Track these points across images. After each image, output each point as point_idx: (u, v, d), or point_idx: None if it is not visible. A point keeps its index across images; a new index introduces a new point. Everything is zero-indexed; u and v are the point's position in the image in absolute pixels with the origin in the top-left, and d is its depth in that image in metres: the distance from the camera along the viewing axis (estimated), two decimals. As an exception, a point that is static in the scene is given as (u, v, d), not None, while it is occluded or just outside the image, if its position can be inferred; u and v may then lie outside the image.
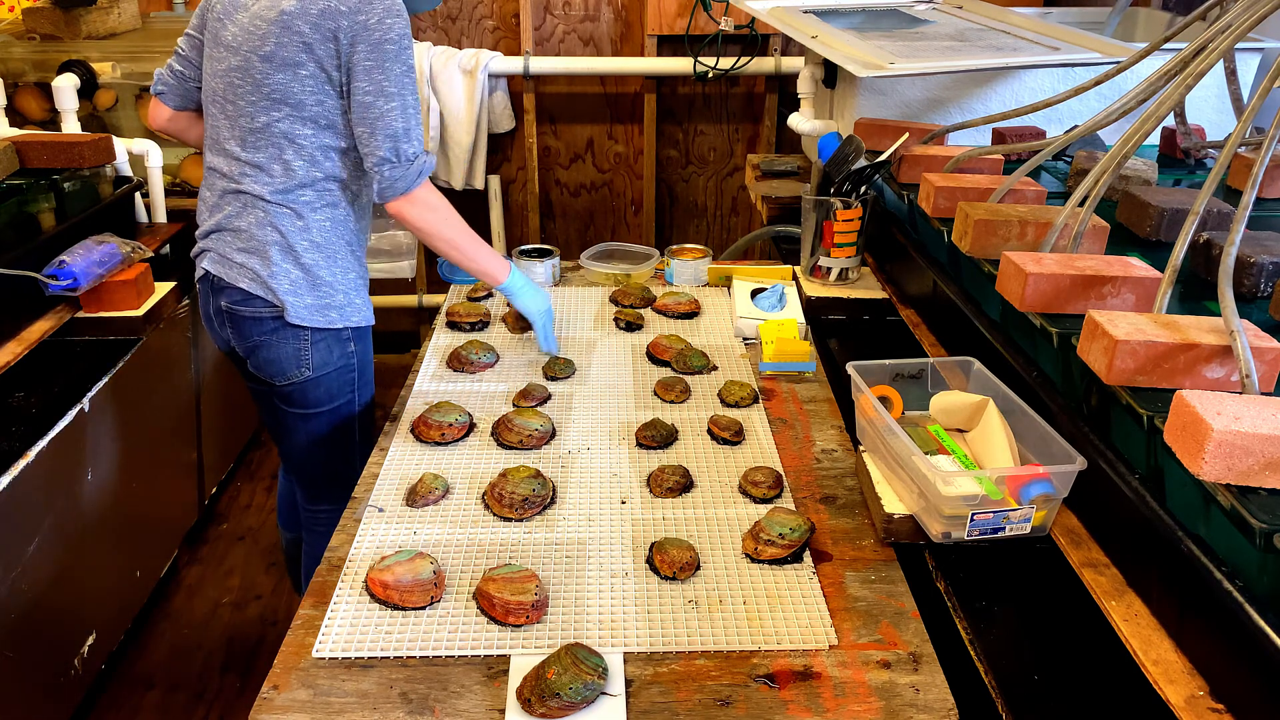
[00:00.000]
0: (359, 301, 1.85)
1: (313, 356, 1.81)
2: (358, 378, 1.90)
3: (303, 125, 1.70)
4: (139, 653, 2.42)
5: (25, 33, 2.98)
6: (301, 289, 1.77)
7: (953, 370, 1.56)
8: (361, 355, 1.90)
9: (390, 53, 1.63)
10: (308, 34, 1.63)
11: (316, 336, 1.80)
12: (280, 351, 1.81)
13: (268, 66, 1.67)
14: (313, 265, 1.77)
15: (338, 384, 1.87)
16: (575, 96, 3.68)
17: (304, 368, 1.82)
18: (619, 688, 1.12)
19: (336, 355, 1.84)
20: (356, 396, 1.93)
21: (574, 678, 1.09)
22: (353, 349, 1.87)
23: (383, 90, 1.64)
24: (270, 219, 1.75)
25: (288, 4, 1.64)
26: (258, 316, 1.79)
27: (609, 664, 1.14)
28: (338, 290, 1.80)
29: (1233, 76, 1.85)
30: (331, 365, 1.84)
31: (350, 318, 1.83)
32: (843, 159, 2.02)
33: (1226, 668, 0.95)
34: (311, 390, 1.86)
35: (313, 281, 1.77)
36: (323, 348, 1.82)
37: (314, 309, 1.78)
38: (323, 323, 1.79)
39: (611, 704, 1.10)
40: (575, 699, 1.08)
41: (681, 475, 1.51)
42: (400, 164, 1.68)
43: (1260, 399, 1.02)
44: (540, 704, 1.08)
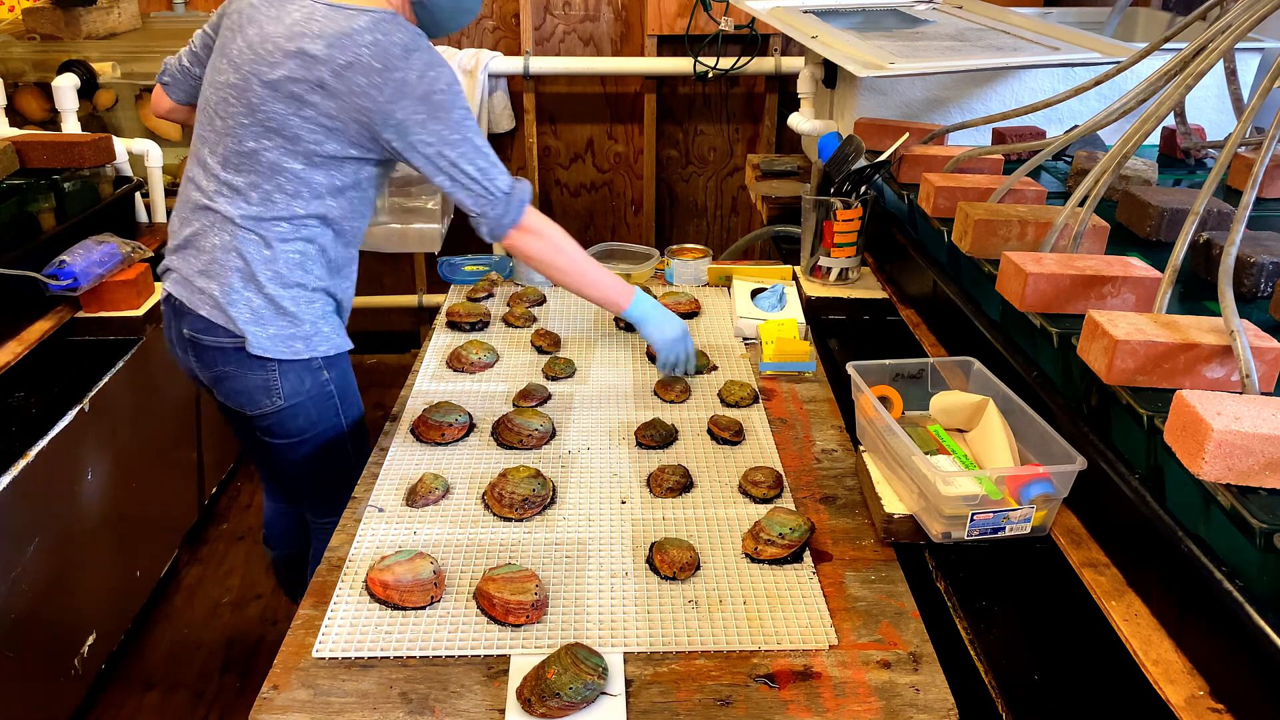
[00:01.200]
0: (327, 330, 1.73)
1: (282, 386, 1.70)
2: (339, 403, 1.80)
3: (293, 159, 1.60)
4: (139, 653, 2.42)
5: (25, 33, 2.98)
6: (264, 318, 1.65)
7: (953, 370, 1.56)
8: (339, 380, 1.79)
9: (442, 103, 1.56)
10: (329, 81, 1.54)
11: (285, 367, 1.69)
12: (247, 383, 1.70)
13: (269, 93, 1.57)
14: (276, 296, 1.65)
15: (317, 411, 1.77)
16: (575, 96, 3.68)
17: (275, 397, 1.71)
18: (619, 688, 1.13)
19: (309, 384, 1.73)
20: (342, 419, 1.83)
21: (574, 677, 1.09)
22: (326, 376, 1.75)
23: (446, 139, 1.57)
24: (235, 243, 1.63)
25: (311, 44, 1.53)
26: (220, 346, 1.68)
27: (609, 664, 1.14)
28: (303, 321, 1.68)
29: (1233, 76, 1.85)
30: (304, 394, 1.73)
31: (318, 347, 1.71)
32: (843, 159, 2.02)
33: (1226, 668, 0.95)
34: (290, 420, 1.75)
35: (276, 310, 1.66)
36: (292, 377, 1.71)
37: (278, 339, 1.67)
38: (288, 354, 1.68)
39: (611, 704, 1.10)
40: (575, 699, 1.08)
41: (681, 475, 1.51)
42: (495, 200, 1.62)
43: (1260, 399, 1.02)
44: (540, 704, 1.08)
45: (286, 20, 1.57)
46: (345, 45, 1.52)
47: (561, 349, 1.97)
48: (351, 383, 1.85)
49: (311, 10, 1.57)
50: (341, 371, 1.79)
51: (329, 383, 1.75)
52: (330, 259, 1.71)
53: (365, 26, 1.53)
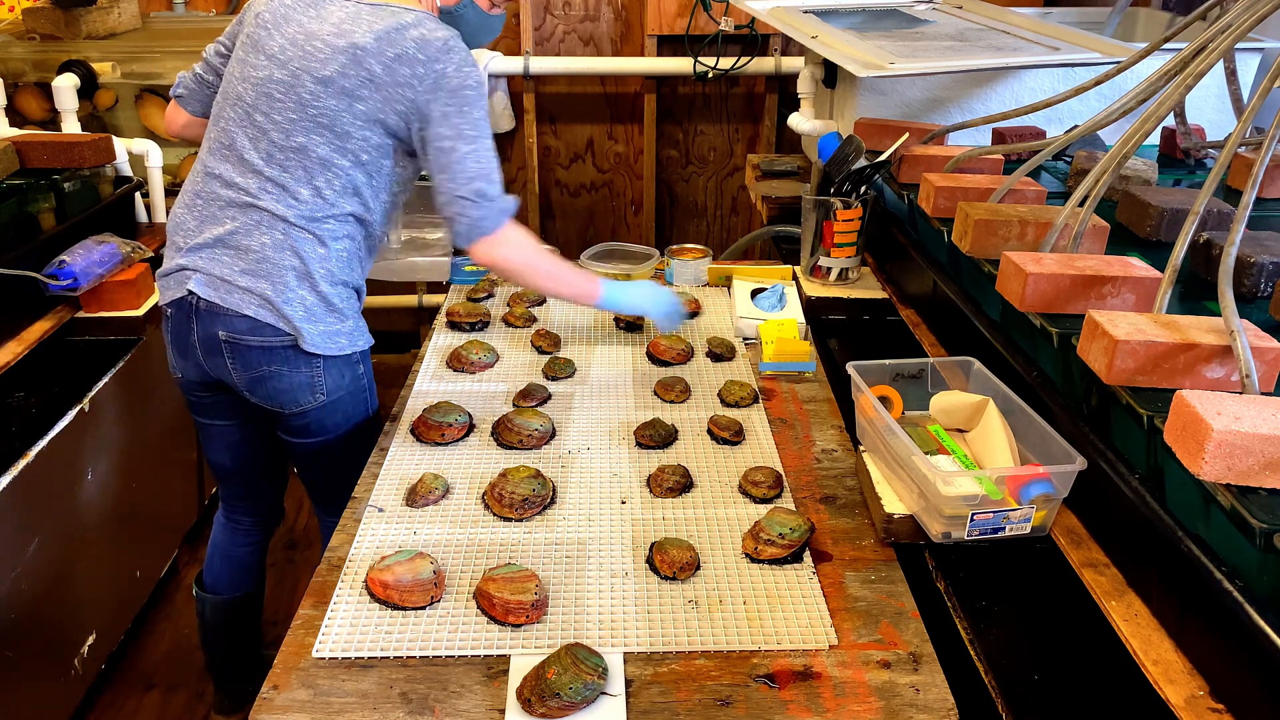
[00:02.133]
0: (362, 325, 1.80)
1: (326, 382, 1.74)
2: (369, 395, 1.86)
3: (342, 156, 1.64)
4: (139, 653, 2.42)
5: (25, 33, 2.98)
6: (316, 315, 1.68)
7: (953, 370, 1.56)
8: (368, 374, 1.86)
9: (469, 98, 1.62)
10: (379, 74, 1.59)
11: (329, 363, 1.72)
12: (293, 380, 1.72)
13: (322, 90, 1.61)
14: (328, 294, 1.69)
15: (352, 405, 1.81)
16: (575, 96, 3.68)
17: (318, 393, 1.74)
18: (619, 688, 1.13)
19: (348, 378, 1.77)
20: (370, 411, 1.88)
21: (574, 677, 1.09)
22: (361, 370, 1.81)
23: (462, 134, 1.61)
24: (291, 242, 1.64)
25: (362, 38, 1.59)
26: (268, 346, 1.67)
27: (609, 664, 1.14)
28: (348, 317, 1.73)
29: (1233, 76, 1.85)
30: (344, 388, 1.77)
31: (357, 341, 1.76)
32: (843, 159, 2.02)
33: (1226, 668, 0.95)
34: (329, 416, 1.78)
35: (327, 308, 1.69)
36: (334, 373, 1.74)
37: (328, 335, 1.70)
38: (334, 350, 1.72)
39: (611, 704, 1.10)
40: (575, 699, 1.08)
41: (681, 475, 1.51)
42: (482, 204, 1.64)
43: (1260, 399, 1.02)
44: (540, 704, 1.08)
45: (331, 19, 1.62)
46: (394, 38, 1.59)
47: (561, 349, 1.97)
48: (373, 377, 1.90)
49: (356, 10, 1.63)
50: (369, 366, 1.86)
51: (363, 375, 1.81)
52: (361, 262, 1.77)
53: (411, 22, 1.61)
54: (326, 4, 1.65)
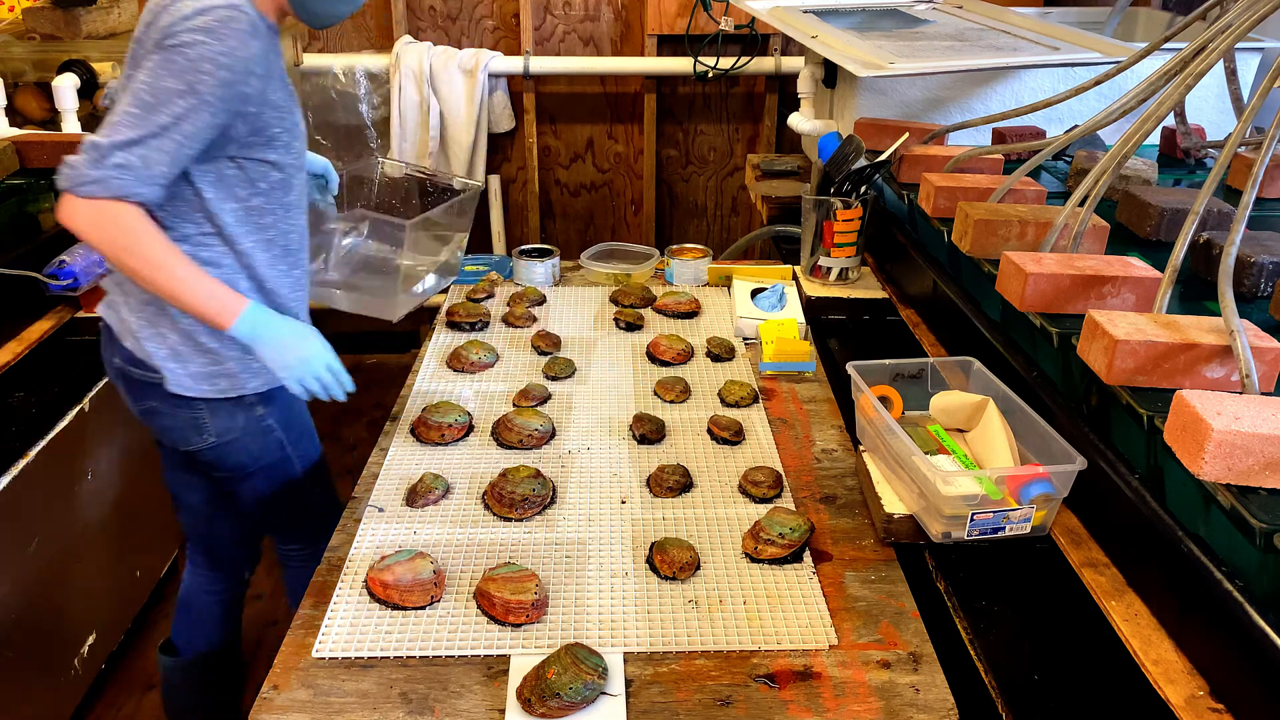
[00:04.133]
0: (259, 365, 1.53)
1: (213, 424, 1.56)
2: (285, 438, 1.64)
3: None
4: (139, 653, 2.42)
5: (25, 33, 2.98)
6: (183, 355, 1.50)
7: (953, 370, 1.56)
8: (281, 416, 1.62)
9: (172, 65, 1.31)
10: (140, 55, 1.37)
11: (214, 405, 1.54)
12: (175, 419, 1.55)
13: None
14: (192, 331, 1.49)
15: (258, 447, 1.61)
16: (575, 96, 3.68)
17: (206, 435, 1.56)
18: (619, 688, 1.13)
19: (242, 421, 1.58)
20: (291, 454, 1.66)
21: (574, 677, 1.09)
22: (262, 412, 1.59)
23: (136, 93, 1.32)
24: None
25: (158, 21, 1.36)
26: (146, 381, 1.53)
27: (609, 664, 1.14)
28: (227, 358, 1.52)
29: (1233, 76, 1.85)
30: (238, 430, 1.58)
31: (247, 384, 1.55)
32: (843, 159, 2.02)
33: (1226, 668, 0.95)
34: (228, 455, 1.60)
35: (195, 348, 1.50)
36: (223, 415, 1.55)
37: (200, 376, 1.51)
38: (212, 392, 1.52)
39: (611, 704, 1.10)
40: (575, 699, 1.08)
41: (681, 475, 1.51)
42: (89, 155, 1.31)
43: (1260, 399, 1.02)
44: (540, 704, 1.08)
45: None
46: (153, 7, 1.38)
47: (561, 349, 1.97)
48: (301, 419, 1.69)
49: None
50: (284, 407, 1.63)
51: (266, 418, 1.60)
52: (259, 286, 1.53)
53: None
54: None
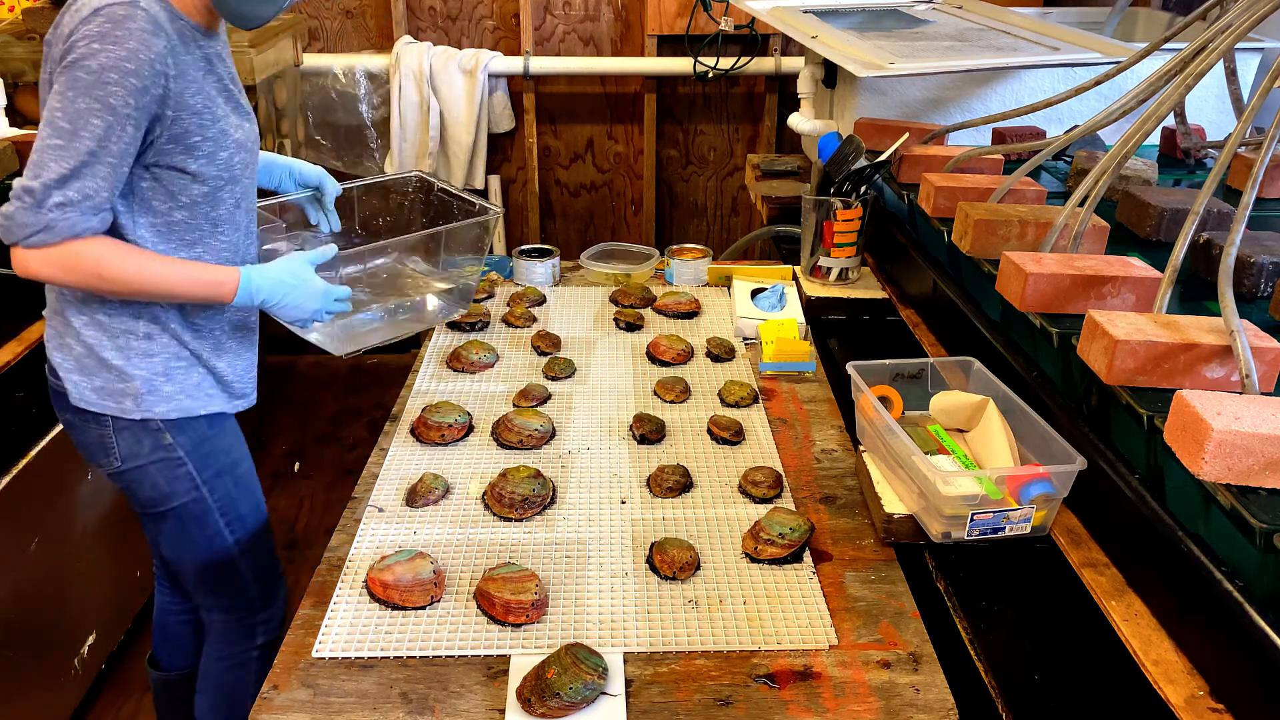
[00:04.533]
0: (170, 389, 1.44)
1: (119, 446, 1.46)
2: (197, 475, 1.50)
3: None
4: (139, 653, 2.42)
5: (25, 33, 2.98)
6: (88, 367, 1.42)
7: (953, 370, 1.56)
8: (193, 448, 1.48)
9: (78, 82, 1.23)
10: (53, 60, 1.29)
11: (119, 425, 1.44)
12: (85, 435, 1.47)
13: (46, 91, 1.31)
14: (95, 344, 1.41)
15: (166, 480, 1.49)
16: (575, 96, 3.68)
17: (112, 457, 1.47)
18: (619, 688, 1.13)
19: (149, 447, 1.46)
20: (208, 497, 1.52)
21: (574, 677, 1.09)
22: (170, 441, 1.46)
23: (52, 121, 1.25)
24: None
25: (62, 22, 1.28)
26: (58, 390, 1.47)
27: (609, 664, 1.14)
28: (133, 377, 1.42)
29: (1233, 76, 1.85)
30: (144, 458, 1.46)
31: (153, 408, 1.44)
32: (843, 159, 2.02)
33: (1226, 668, 0.95)
34: (135, 485, 1.50)
35: (98, 363, 1.41)
36: (128, 437, 1.45)
37: (104, 393, 1.42)
38: (116, 410, 1.42)
39: (611, 704, 1.10)
40: (575, 699, 1.08)
41: (681, 475, 1.51)
42: (25, 203, 1.25)
43: (1260, 399, 1.02)
44: (540, 704, 1.08)
45: None
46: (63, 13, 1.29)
47: (561, 349, 1.97)
48: (223, 453, 1.53)
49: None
50: (197, 438, 1.49)
51: (175, 448, 1.47)
52: (180, 311, 1.45)
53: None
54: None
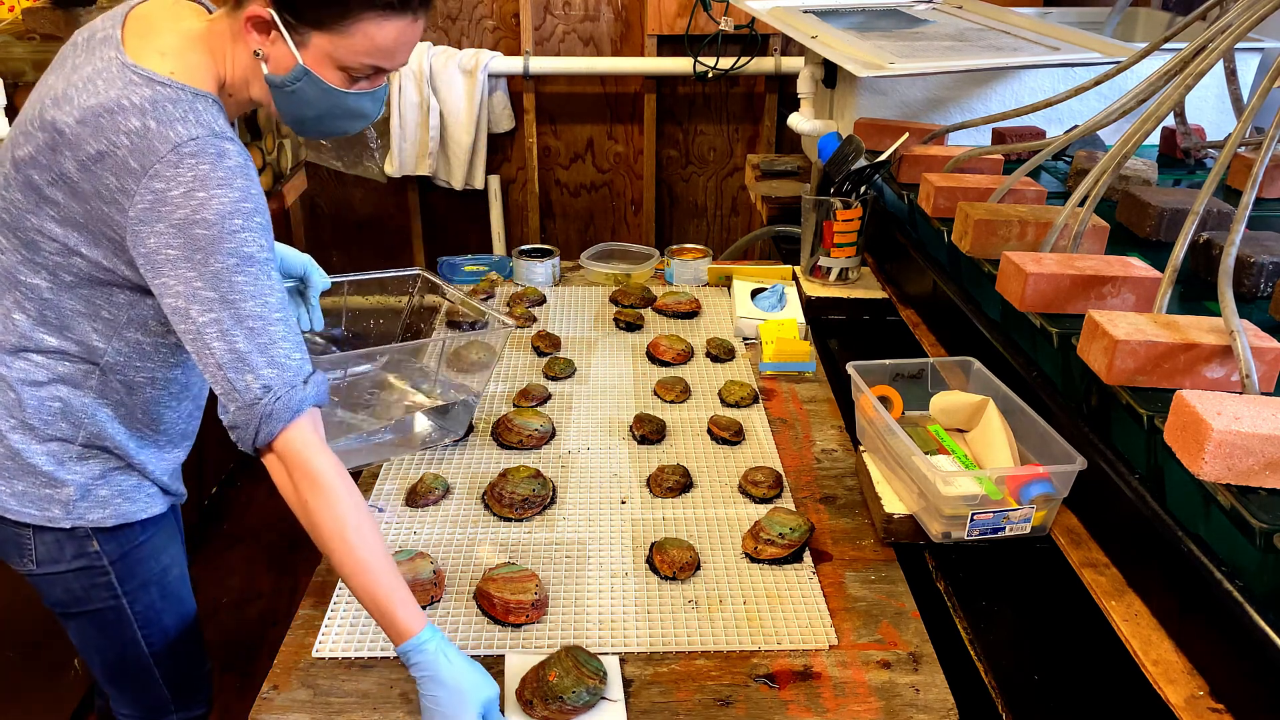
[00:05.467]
0: (106, 493, 1.29)
1: (36, 550, 1.30)
2: (119, 584, 1.34)
3: (33, 272, 1.17)
4: (139, 653, 2.42)
5: (25, 33, 2.98)
6: (7, 472, 1.25)
7: (953, 370, 1.56)
8: (119, 555, 1.33)
9: (201, 240, 1.07)
10: (73, 175, 1.10)
11: (40, 531, 1.28)
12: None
13: (13, 175, 1.15)
14: (21, 449, 1.24)
15: (82, 586, 1.33)
16: (575, 96, 3.68)
17: (26, 560, 1.31)
18: (618, 693, 1.12)
19: (70, 554, 1.30)
20: (126, 607, 1.36)
21: (576, 681, 1.09)
22: (95, 549, 1.30)
23: (195, 294, 1.08)
24: None
25: (64, 116, 1.10)
26: None
27: (607, 668, 1.14)
28: (65, 483, 1.26)
29: (1233, 76, 1.85)
30: (65, 564, 1.31)
31: (86, 515, 1.28)
32: (843, 159, 2.02)
33: (1226, 668, 0.95)
34: (47, 589, 1.34)
35: (22, 467, 1.25)
36: (50, 543, 1.29)
37: (27, 499, 1.26)
38: (40, 519, 1.26)
39: (612, 709, 1.10)
40: (577, 703, 1.08)
41: (681, 475, 1.51)
42: (232, 403, 1.10)
43: (1260, 399, 1.02)
44: (543, 706, 1.08)
45: (77, 75, 1.13)
46: (101, 126, 1.08)
47: (561, 349, 1.97)
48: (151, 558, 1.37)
49: (104, 66, 1.12)
50: (127, 545, 1.33)
51: (99, 557, 1.31)
52: (129, 416, 1.28)
53: (139, 104, 1.08)
54: (97, 49, 1.14)
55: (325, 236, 3.77)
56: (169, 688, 1.40)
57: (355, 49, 1.14)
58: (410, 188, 3.72)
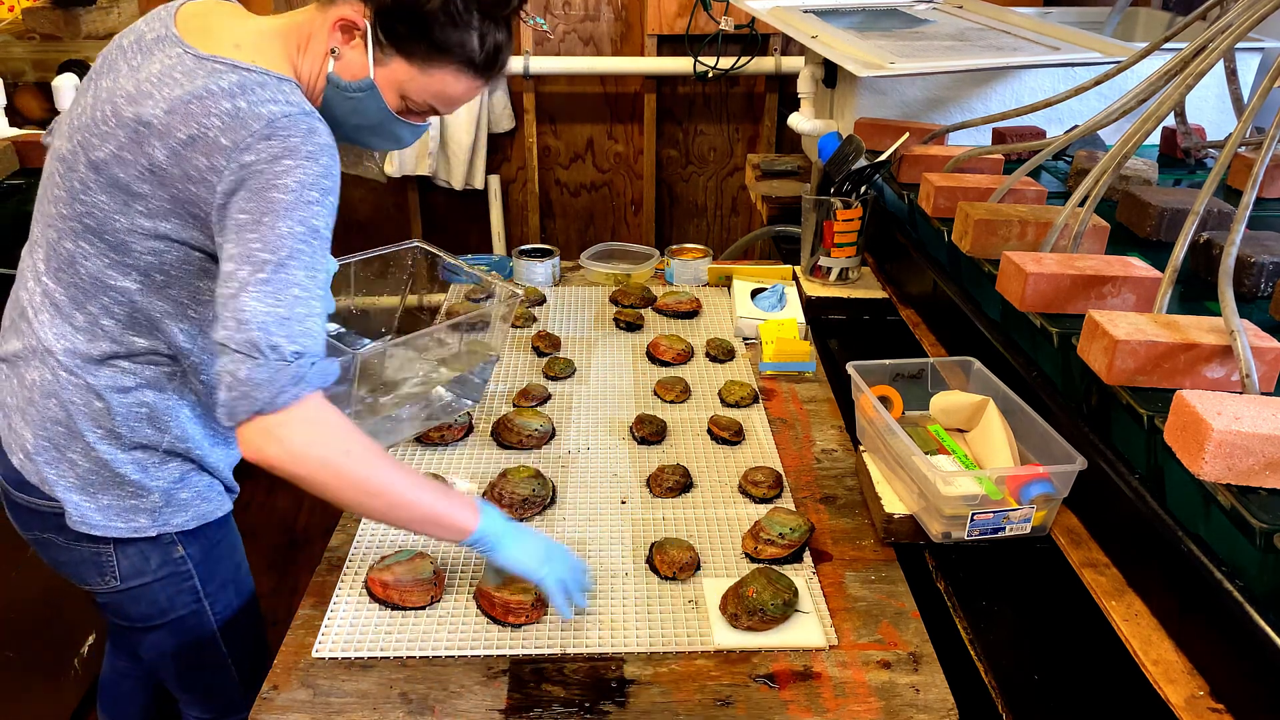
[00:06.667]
0: (186, 496, 1.30)
1: (119, 566, 1.29)
2: (200, 586, 1.36)
3: (123, 275, 1.17)
4: (139, 653, 2.42)
5: (25, 32, 2.98)
6: (93, 485, 1.24)
7: (953, 370, 1.56)
8: (202, 556, 1.35)
9: (275, 204, 1.06)
10: (162, 163, 1.10)
11: (123, 544, 1.28)
12: (72, 555, 1.29)
13: (93, 177, 1.14)
14: (110, 459, 1.23)
15: (167, 595, 1.34)
16: (575, 96, 3.68)
17: (108, 577, 1.30)
18: (809, 605, 1.25)
19: (155, 563, 1.31)
20: (207, 607, 1.38)
21: (774, 595, 1.21)
22: (181, 554, 1.32)
23: (251, 256, 1.06)
24: (56, 387, 1.21)
25: (150, 109, 1.10)
26: (34, 509, 1.27)
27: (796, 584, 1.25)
28: (150, 490, 1.26)
29: (1233, 76, 1.85)
30: (150, 575, 1.31)
31: (170, 520, 1.29)
32: (843, 159, 2.02)
33: (1226, 668, 0.95)
34: (130, 605, 1.34)
35: (110, 479, 1.24)
36: (133, 554, 1.29)
37: (111, 511, 1.25)
38: (126, 531, 1.26)
39: (806, 619, 1.22)
40: (776, 614, 1.20)
41: (681, 475, 1.51)
42: (260, 360, 1.05)
43: (1260, 399, 1.02)
44: (747, 618, 1.20)
45: (144, 73, 1.13)
46: (191, 112, 1.09)
47: (561, 349, 1.97)
48: (229, 565, 1.41)
49: (176, 62, 1.13)
50: (208, 546, 1.36)
51: (184, 561, 1.33)
52: (206, 413, 1.30)
53: (227, 89, 1.09)
54: (157, 49, 1.15)
55: (325, 236, 3.77)
56: (242, 684, 1.43)
57: (428, 88, 1.19)
58: (410, 188, 3.72)
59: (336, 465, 1.10)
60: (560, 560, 1.23)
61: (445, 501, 1.18)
